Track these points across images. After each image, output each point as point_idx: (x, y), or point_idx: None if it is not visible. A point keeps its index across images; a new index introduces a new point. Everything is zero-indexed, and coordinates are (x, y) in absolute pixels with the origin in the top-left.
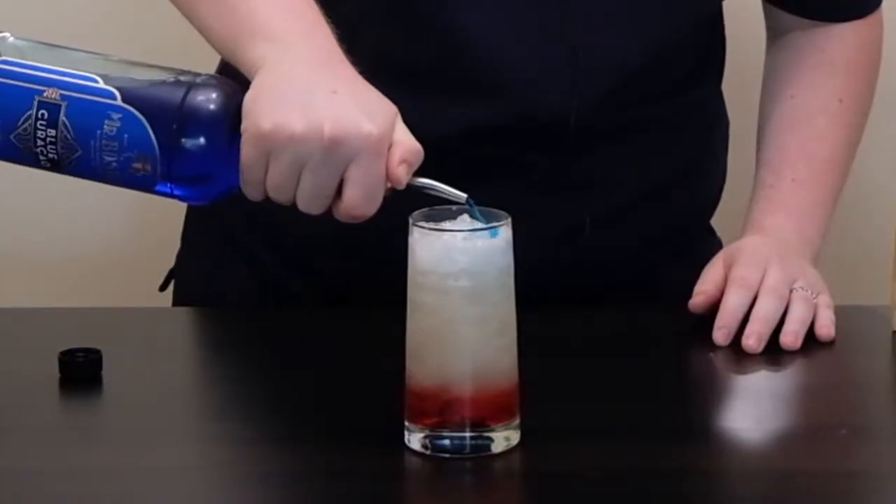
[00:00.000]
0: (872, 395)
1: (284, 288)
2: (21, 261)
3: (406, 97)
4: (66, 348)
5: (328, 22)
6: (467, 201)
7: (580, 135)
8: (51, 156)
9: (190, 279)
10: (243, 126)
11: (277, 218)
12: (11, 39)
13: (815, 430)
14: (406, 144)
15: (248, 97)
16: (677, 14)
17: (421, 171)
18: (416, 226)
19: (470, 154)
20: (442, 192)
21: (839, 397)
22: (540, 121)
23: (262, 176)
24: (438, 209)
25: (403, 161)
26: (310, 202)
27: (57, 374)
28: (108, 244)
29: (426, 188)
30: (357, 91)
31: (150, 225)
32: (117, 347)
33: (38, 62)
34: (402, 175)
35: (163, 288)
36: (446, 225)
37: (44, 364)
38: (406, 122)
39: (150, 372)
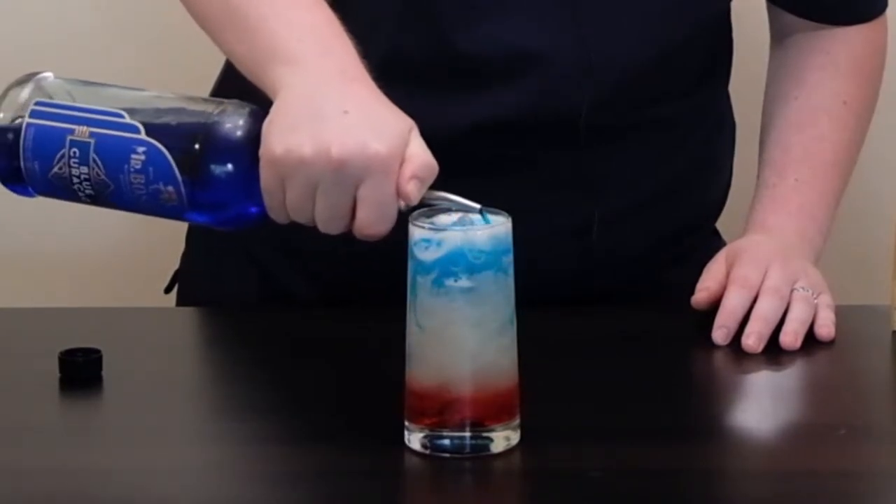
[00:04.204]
0: (872, 395)
1: (287, 289)
2: (22, 261)
3: (416, 94)
4: (66, 348)
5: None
6: (481, 211)
7: (590, 134)
8: (87, 192)
9: (194, 281)
10: (260, 151)
11: None
12: (51, 79)
13: (815, 430)
14: (418, 160)
15: (266, 122)
16: (687, 14)
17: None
18: (416, 225)
19: (480, 151)
20: (456, 205)
21: (839, 397)
22: (550, 119)
23: (282, 200)
24: (438, 209)
25: (414, 177)
26: (327, 223)
27: (57, 374)
28: (111, 244)
29: (440, 201)
30: (369, 109)
31: (154, 225)
32: (117, 347)
33: (72, 101)
34: (413, 192)
35: (168, 290)
36: (446, 225)
37: (44, 364)
38: (414, 118)
39: (150, 372)
